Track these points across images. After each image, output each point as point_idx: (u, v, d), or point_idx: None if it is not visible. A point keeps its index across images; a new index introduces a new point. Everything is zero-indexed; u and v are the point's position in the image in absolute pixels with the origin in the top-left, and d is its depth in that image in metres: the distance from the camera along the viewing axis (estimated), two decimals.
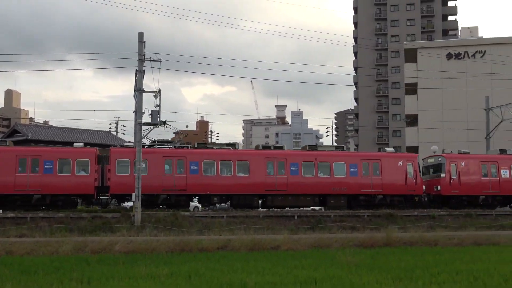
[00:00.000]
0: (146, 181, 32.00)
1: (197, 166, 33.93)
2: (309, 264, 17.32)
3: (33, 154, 32.36)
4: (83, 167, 32.80)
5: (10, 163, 31.71)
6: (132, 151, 33.16)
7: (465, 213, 34.68)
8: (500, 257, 19.35)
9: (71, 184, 32.25)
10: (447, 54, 66.77)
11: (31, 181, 31.68)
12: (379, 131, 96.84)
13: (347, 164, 35.99)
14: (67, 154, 33.01)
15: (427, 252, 21.10)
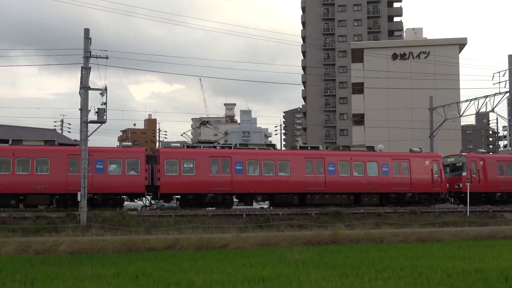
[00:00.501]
0: (194, 181, 33.57)
1: (241, 166, 34.83)
2: (257, 262, 17.38)
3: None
4: (133, 166, 33.35)
5: (62, 163, 31.93)
6: (180, 152, 34.59)
7: (409, 211, 35.47)
8: (443, 253, 19.89)
9: (122, 184, 32.77)
10: (392, 54, 68.12)
11: (93, 180, 31.73)
12: (326, 130, 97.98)
13: (379, 164, 37.73)
14: (118, 154, 33.69)
15: (373, 249, 21.48)
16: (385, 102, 66.41)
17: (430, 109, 48.85)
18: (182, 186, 33.21)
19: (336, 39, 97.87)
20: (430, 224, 32.46)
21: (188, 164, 33.98)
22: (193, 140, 35.25)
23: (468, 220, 34.53)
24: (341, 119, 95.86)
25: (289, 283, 13.55)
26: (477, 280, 13.66)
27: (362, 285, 13.21)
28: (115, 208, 32.10)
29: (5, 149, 32.02)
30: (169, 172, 33.78)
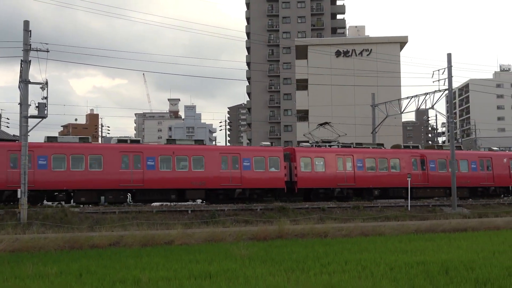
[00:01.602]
0: (324, 176, 38.06)
1: (362, 163, 39.67)
2: (204, 258, 17.33)
3: (234, 153, 36.98)
4: (274, 164, 37.25)
5: (217, 161, 35.95)
6: (312, 150, 39.05)
7: (352, 206, 36.07)
8: (386, 247, 20.31)
9: (265, 179, 36.77)
10: (336, 51, 68.99)
11: (233, 176, 35.93)
12: (271, 126, 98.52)
13: (469, 161, 43.61)
14: (262, 153, 37.53)
15: (318, 244, 21.74)
16: (328, 98, 67.26)
17: (373, 106, 49.76)
18: (315, 181, 38.04)
19: (280, 36, 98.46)
20: (372, 219, 33.09)
21: (319, 161, 38.61)
22: (312, 139, 42.56)
23: (409, 214, 35.38)
24: (285, 115, 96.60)
25: (235, 278, 13.57)
26: (419, 273, 14.02)
27: (308, 279, 13.36)
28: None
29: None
30: (304, 169, 38.05)
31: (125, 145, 35.10)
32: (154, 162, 34.49)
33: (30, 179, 30.25)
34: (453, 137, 41.27)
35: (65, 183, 32.56)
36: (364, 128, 57.14)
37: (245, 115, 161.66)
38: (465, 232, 27.79)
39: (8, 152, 31.75)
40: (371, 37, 73.86)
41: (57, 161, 32.59)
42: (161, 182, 34.60)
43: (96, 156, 33.63)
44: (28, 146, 30.36)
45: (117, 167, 33.83)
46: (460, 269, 14.47)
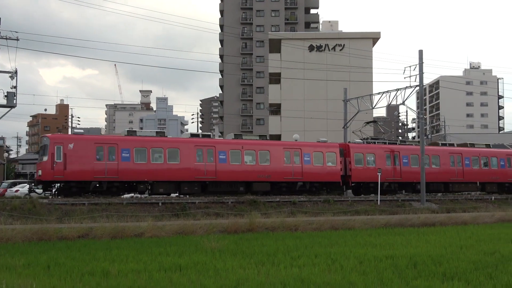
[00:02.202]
0: (374, 171, 40.24)
1: (407, 159, 43.20)
2: (174, 250, 17.27)
3: (295, 148, 39.45)
4: (330, 159, 40.00)
5: (281, 155, 38.61)
6: (364, 147, 42.39)
7: (323, 199, 36.30)
8: (355, 240, 20.50)
9: (323, 173, 39.37)
10: (309, 46, 69.20)
11: (295, 170, 38.67)
12: (243, 119, 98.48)
13: (498, 159, 47.45)
14: (320, 148, 40.23)
15: (288, 237, 21.83)
16: (301, 92, 67.47)
17: (344, 101, 50.04)
18: (367, 176, 41.11)
19: (254, 29, 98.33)
20: (342, 213, 33.34)
21: (370, 157, 41.92)
22: (364, 136, 46.00)
23: (379, 208, 35.74)
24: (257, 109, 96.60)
25: (206, 271, 13.56)
26: (388, 267, 14.18)
27: (278, 272, 13.41)
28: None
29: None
30: (357, 164, 41.25)
31: (199, 139, 37.49)
32: (225, 156, 36.93)
33: (114, 170, 33.51)
34: (423, 133, 41.77)
35: (146, 174, 34.69)
36: (336, 123, 57.48)
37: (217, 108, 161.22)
38: (434, 226, 28.21)
39: (95, 145, 33.78)
40: (344, 32, 74.21)
41: (138, 154, 34.77)
42: (232, 174, 37.00)
43: (173, 150, 35.83)
44: (112, 139, 35.16)
45: (192, 160, 36.11)
46: (428, 263, 14.68)
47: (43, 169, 32.61)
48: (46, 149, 32.95)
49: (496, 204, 40.99)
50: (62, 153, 32.90)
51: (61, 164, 32.72)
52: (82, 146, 33.47)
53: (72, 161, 32.97)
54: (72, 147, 33.09)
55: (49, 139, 33.35)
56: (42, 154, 33.59)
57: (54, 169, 32.53)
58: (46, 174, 32.58)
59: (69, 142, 33.22)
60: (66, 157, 32.90)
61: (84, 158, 33.31)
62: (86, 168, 33.27)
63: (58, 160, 32.70)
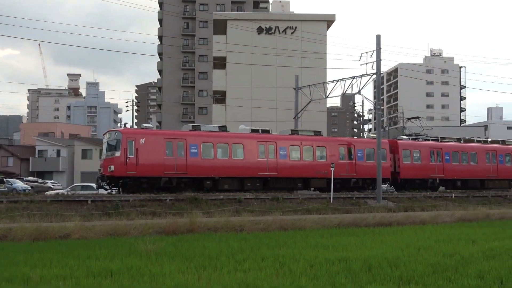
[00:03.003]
0: (420, 168, 46.61)
1: (448, 156, 48.31)
2: (104, 254, 17.05)
3: (349, 144, 43.99)
4: (381, 155, 43.02)
5: (336, 151, 42.74)
6: (411, 143, 47.56)
7: (271, 197, 36.50)
8: (306, 242, 20.69)
9: (375, 170, 41.89)
10: (257, 28, 69.32)
11: (349, 167, 43.14)
12: (184, 107, 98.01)
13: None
14: (371, 145, 44.22)
15: (233, 238, 21.85)
16: (248, 79, 67.57)
17: (296, 89, 50.43)
18: (414, 172, 46.62)
19: (197, 8, 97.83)
20: (292, 211, 33.60)
21: (416, 154, 46.78)
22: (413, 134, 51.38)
23: (332, 207, 36.19)
24: (200, 96, 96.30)
25: (140, 276, 13.43)
26: (341, 270, 14.37)
27: (221, 277, 13.40)
28: None
29: None
30: (406, 161, 46.20)
31: (261, 134, 41.10)
32: (285, 152, 40.59)
33: (183, 166, 36.51)
34: (379, 125, 42.48)
35: (212, 170, 37.72)
36: (286, 113, 57.87)
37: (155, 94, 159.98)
38: (390, 226, 28.76)
39: (165, 140, 36.56)
40: (296, 14, 74.67)
41: (205, 149, 37.80)
42: (291, 171, 40.70)
43: (238, 145, 39.25)
44: (181, 134, 37.85)
45: (255, 156, 39.53)
46: (384, 266, 14.95)
47: (115, 165, 34.91)
48: (118, 143, 35.35)
49: (457, 203, 42.15)
50: (134, 148, 35.43)
51: (134, 159, 35.21)
52: (153, 141, 36.19)
53: (143, 156, 35.54)
54: (144, 142, 35.77)
55: (122, 133, 35.85)
56: (113, 149, 35.71)
57: (127, 164, 35.01)
58: (119, 169, 34.97)
59: (141, 137, 35.86)
60: (138, 152, 35.45)
61: (155, 154, 35.96)
62: (157, 163, 35.90)
63: (130, 156, 35.22)
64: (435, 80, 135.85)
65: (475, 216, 34.19)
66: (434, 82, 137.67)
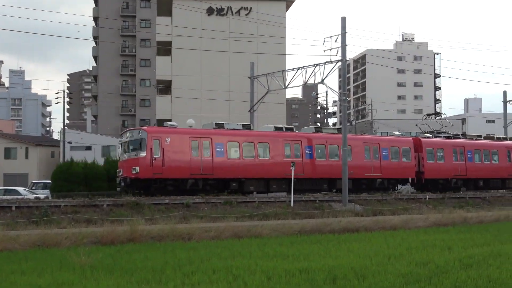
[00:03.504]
0: (444, 168, 49.90)
1: (471, 155, 51.57)
2: (32, 268, 16.86)
3: (374, 142, 47.12)
4: (405, 154, 47.55)
5: (361, 150, 45.88)
6: (435, 141, 50.51)
7: (223, 201, 36.51)
8: (263, 251, 20.75)
9: (399, 170, 46.97)
10: (207, 8, 69.21)
11: (374, 166, 46.11)
12: (123, 99, 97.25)
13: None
14: (396, 143, 47.87)
15: (180, 248, 21.81)
16: (197, 67, 67.44)
17: (251, 78, 50.52)
18: (438, 172, 49.53)
19: None
20: (248, 217, 33.66)
21: (439, 152, 49.92)
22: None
23: (292, 211, 36.38)
24: (142, 86, 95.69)
25: None
26: (302, 282, 14.46)
27: None
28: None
29: None
30: (429, 160, 48.98)
31: (286, 133, 43.86)
32: (311, 151, 43.28)
33: (209, 167, 38.74)
34: (345, 118, 42.84)
35: (239, 171, 40.05)
36: (240, 105, 57.91)
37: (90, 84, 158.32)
38: (357, 232, 29.06)
39: (190, 139, 38.51)
40: None
41: (231, 149, 40.18)
42: (317, 171, 43.60)
43: (264, 144, 41.76)
44: (206, 132, 39.97)
45: (281, 155, 42.09)
46: (350, 277, 15.10)
47: (141, 166, 36.58)
48: (143, 143, 37.06)
49: (431, 205, 42.82)
50: (160, 148, 37.26)
51: (160, 160, 37.04)
52: (178, 140, 38.13)
53: (169, 157, 37.50)
54: (169, 142, 37.69)
55: (147, 132, 37.56)
56: (137, 149, 37.45)
57: (153, 165, 36.80)
58: (145, 171, 36.73)
59: (166, 136, 37.76)
60: (164, 152, 37.32)
61: (181, 154, 37.90)
62: (183, 164, 37.89)
63: (156, 156, 37.03)
64: (407, 68, 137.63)
65: (451, 220, 34.82)
66: (406, 70, 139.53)
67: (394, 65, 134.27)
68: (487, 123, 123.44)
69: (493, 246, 22.13)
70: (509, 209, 41.99)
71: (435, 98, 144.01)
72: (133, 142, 38.09)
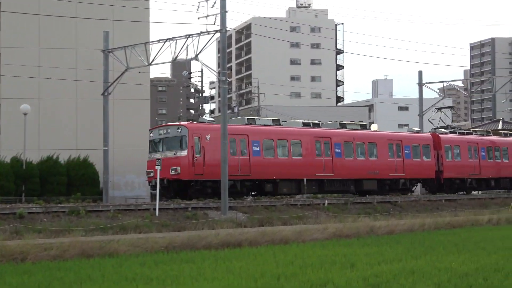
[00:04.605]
0: (461, 166, 57.42)
1: (485, 152, 59.99)
2: None
3: (397, 140, 54.37)
4: (425, 152, 54.81)
5: (386, 149, 53.48)
6: (453, 138, 58.17)
7: (68, 210, 35.91)
8: (119, 273, 20.56)
9: (421, 169, 54.39)
10: None
11: (398, 165, 53.48)
12: None
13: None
14: (417, 140, 55.55)
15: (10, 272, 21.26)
16: (34, 36, 65.91)
17: (105, 52, 49.92)
18: (456, 171, 57.53)
19: None
20: (101, 230, 33.31)
21: (456, 150, 57.34)
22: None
23: (157, 222, 36.25)
24: None
25: None
26: None
27: None
28: None
29: None
30: (448, 158, 56.68)
31: (315, 129, 50.34)
32: (340, 149, 49.96)
33: (246, 167, 44.92)
34: (226, 104, 42.93)
35: (274, 171, 46.71)
36: (91, 87, 56.97)
37: None
38: (240, 247, 29.24)
39: (229, 136, 42.10)
40: None
41: (266, 147, 46.42)
42: (347, 171, 50.58)
43: (296, 142, 48.38)
44: (242, 129, 46.47)
45: (312, 154, 48.76)
46: None
47: (182, 166, 42.14)
48: (184, 140, 42.81)
49: (331, 212, 43.56)
50: (201, 146, 43.09)
51: (201, 159, 42.83)
52: (218, 137, 41.96)
53: (210, 156, 43.17)
54: (209, 139, 43.41)
55: (187, 128, 43.35)
56: (176, 147, 43.43)
57: (195, 165, 42.43)
58: (187, 171, 42.42)
59: (206, 133, 43.65)
60: (204, 151, 43.13)
61: (220, 152, 41.43)
62: None
63: (197, 155, 42.79)
64: (302, 42, 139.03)
65: (355, 230, 35.57)
66: (302, 45, 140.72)
67: (287, 38, 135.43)
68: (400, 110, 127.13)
69: (405, 262, 22.78)
70: (425, 216, 43.31)
71: (337, 79, 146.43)
72: (170, 139, 44.07)
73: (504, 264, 21.51)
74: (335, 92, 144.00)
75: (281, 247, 28.82)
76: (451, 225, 40.54)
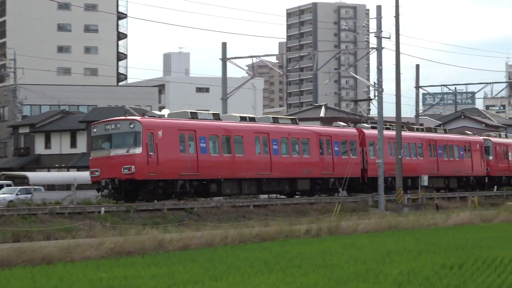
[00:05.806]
0: None
1: None
2: None
3: (326, 135, 63.30)
4: (352, 148, 64.17)
5: (316, 145, 62.07)
6: (374, 133, 65.90)
7: None
8: None
9: (349, 167, 61.06)
10: None
11: (327, 163, 62.08)
12: None
13: None
14: (345, 136, 64.99)
15: None
16: None
17: None
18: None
19: None
20: None
21: (379, 146, 65.17)
22: None
23: None
24: None
25: None
26: None
27: None
28: None
29: None
30: (372, 156, 64.98)
31: (254, 125, 57.67)
32: (277, 145, 58.22)
33: (194, 165, 50.64)
34: None
35: (218, 170, 53.10)
36: None
37: None
38: None
39: (178, 132, 50.07)
40: None
41: (212, 144, 52.37)
42: (283, 169, 58.63)
43: (238, 139, 54.44)
44: (190, 125, 52.26)
45: (253, 152, 56.01)
46: None
47: (137, 165, 46.52)
48: (138, 137, 47.05)
49: (109, 223, 43.30)
50: (154, 143, 47.65)
51: (155, 157, 47.50)
52: (169, 134, 48.80)
53: (162, 154, 48.16)
54: (161, 136, 48.15)
55: (141, 124, 47.59)
56: (129, 143, 47.51)
57: (149, 164, 47.01)
58: (142, 171, 46.99)
59: (158, 129, 48.49)
60: (157, 148, 47.80)
61: (172, 150, 48.92)
62: (174, 162, 49.39)
63: (151, 153, 47.31)
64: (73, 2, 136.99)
65: (140, 245, 35.36)
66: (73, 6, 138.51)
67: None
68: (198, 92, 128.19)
69: (201, 285, 23.04)
70: (228, 227, 43.45)
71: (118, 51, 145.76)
72: (121, 135, 47.46)
73: (324, 286, 22.09)
74: (116, 68, 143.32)
75: (43, 268, 28.39)
76: (260, 237, 40.50)
